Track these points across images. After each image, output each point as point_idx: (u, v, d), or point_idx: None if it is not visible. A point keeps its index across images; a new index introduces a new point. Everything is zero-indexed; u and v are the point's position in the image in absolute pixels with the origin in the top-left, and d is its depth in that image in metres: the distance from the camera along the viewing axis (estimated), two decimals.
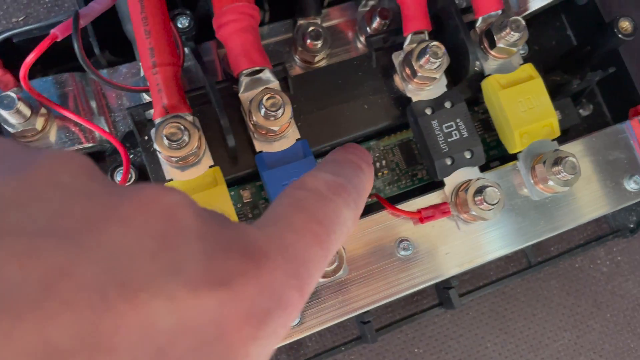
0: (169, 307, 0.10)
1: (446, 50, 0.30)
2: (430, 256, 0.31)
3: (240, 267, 0.11)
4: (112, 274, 0.09)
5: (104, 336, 0.09)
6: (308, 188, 0.14)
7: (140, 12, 0.28)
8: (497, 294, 0.38)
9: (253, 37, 0.29)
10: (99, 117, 0.32)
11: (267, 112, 0.28)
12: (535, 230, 0.32)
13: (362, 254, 0.30)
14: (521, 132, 0.31)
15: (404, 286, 0.30)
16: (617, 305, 0.39)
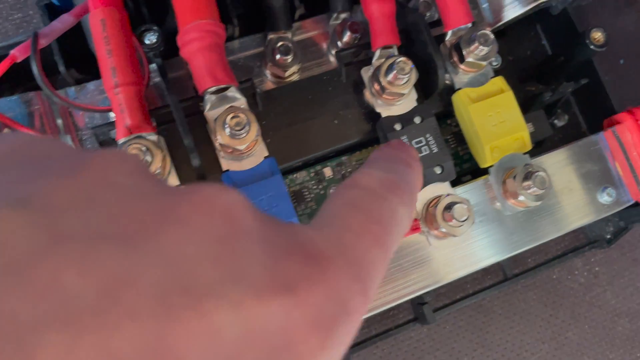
0: (235, 314, 0.09)
1: (414, 65, 0.30)
2: (401, 273, 0.31)
3: (305, 271, 0.10)
4: (174, 280, 0.09)
5: (171, 347, 0.08)
6: (361, 187, 0.14)
7: (102, 31, 0.27)
8: (474, 307, 0.38)
9: (217, 55, 0.29)
10: (65, 135, 0.32)
11: (231, 131, 0.27)
12: (509, 245, 0.32)
13: None
14: (492, 146, 0.31)
15: (376, 304, 0.30)
16: (595, 317, 0.39)
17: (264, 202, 0.29)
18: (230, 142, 0.28)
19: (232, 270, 0.09)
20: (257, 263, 0.10)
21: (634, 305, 0.40)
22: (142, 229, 0.09)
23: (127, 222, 0.09)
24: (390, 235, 0.13)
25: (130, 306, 0.08)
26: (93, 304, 0.08)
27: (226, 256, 0.10)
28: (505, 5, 0.37)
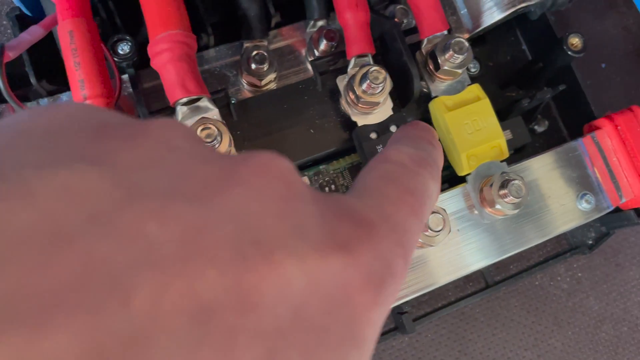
0: (302, 268, 0.10)
1: (389, 74, 0.30)
2: None
3: (355, 233, 0.11)
4: (245, 233, 0.09)
5: (249, 292, 0.09)
6: (394, 161, 0.15)
7: (69, 43, 0.27)
8: (456, 314, 0.38)
9: (188, 65, 0.28)
10: None
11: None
12: (489, 252, 0.32)
13: None
14: (468, 154, 0.31)
15: None
16: (578, 322, 0.39)
17: None
18: None
19: (295, 227, 0.10)
20: (315, 222, 0.11)
21: (617, 311, 0.40)
22: (208, 187, 0.10)
23: (193, 181, 0.10)
24: (424, 206, 0.14)
25: (210, 255, 0.09)
26: (177, 251, 0.08)
27: (288, 213, 0.10)
28: (484, 11, 0.36)
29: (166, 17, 0.28)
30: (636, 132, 0.34)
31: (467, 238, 0.32)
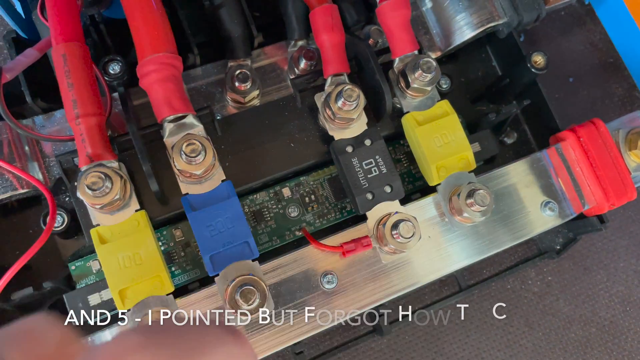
0: None
1: (363, 92, 0.32)
2: (354, 287, 0.32)
3: None
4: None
5: None
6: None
7: (63, 65, 0.29)
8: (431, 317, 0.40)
9: (174, 85, 0.30)
10: (32, 162, 0.33)
11: (187, 157, 0.29)
12: (459, 257, 0.34)
13: (289, 288, 0.31)
14: (438, 165, 0.33)
15: (328, 318, 0.32)
16: (549, 324, 0.41)
17: (221, 224, 0.30)
18: (187, 168, 0.29)
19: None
20: None
21: (586, 313, 0.42)
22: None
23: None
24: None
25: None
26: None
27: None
28: (455, 30, 0.39)
29: (154, 40, 0.30)
30: (597, 143, 0.37)
31: (438, 244, 0.34)
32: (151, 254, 0.29)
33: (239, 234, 0.30)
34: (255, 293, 0.29)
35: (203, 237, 0.30)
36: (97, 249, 0.29)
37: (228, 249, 0.30)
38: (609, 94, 0.47)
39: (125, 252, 0.29)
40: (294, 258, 0.32)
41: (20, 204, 0.35)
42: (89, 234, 0.30)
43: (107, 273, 0.29)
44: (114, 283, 0.29)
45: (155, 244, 0.29)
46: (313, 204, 0.36)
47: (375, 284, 0.32)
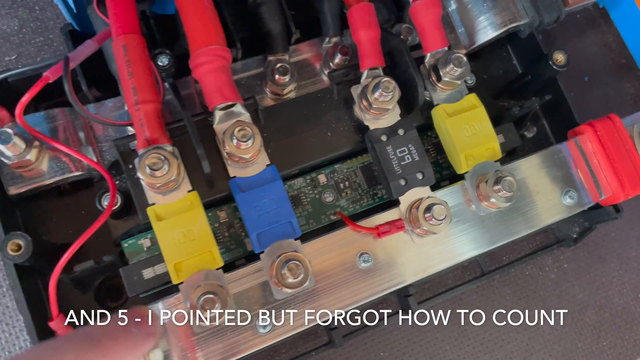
0: None
1: (397, 84, 0.34)
2: (388, 267, 0.34)
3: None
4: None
5: None
6: None
7: (124, 56, 0.31)
8: (454, 300, 0.42)
9: (225, 75, 0.33)
10: (87, 147, 0.36)
11: (238, 142, 0.31)
12: (483, 242, 0.36)
13: (327, 266, 0.34)
14: (466, 154, 0.35)
15: (366, 294, 0.34)
16: (564, 309, 0.43)
17: (267, 204, 0.33)
18: (237, 152, 0.32)
19: None
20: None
21: (600, 299, 0.44)
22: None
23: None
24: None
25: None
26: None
27: None
28: (479, 30, 0.41)
29: (206, 33, 0.32)
30: (614, 137, 0.39)
31: (463, 229, 0.36)
32: (203, 231, 0.31)
33: (283, 214, 0.32)
34: (301, 268, 0.31)
35: (250, 216, 0.32)
36: (154, 225, 0.31)
37: (273, 228, 0.32)
38: (621, 92, 0.49)
39: (179, 228, 0.31)
40: (331, 238, 0.34)
41: (72, 186, 0.37)
42: (144, 213, 0.32)
43: (163, 248, 0.31)
44: (169, 257, 0.31)
45: (207, 222, 0.32)
46: (347, 190, 0.38)
47: (405, 264, 0.35)
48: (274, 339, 0.32)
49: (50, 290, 0.30)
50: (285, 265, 0.31)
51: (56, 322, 0.31)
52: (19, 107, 0.31)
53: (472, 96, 0.37)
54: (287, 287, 0.31)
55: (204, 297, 0.29)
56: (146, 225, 0.34)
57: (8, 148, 0.32)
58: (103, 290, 0.37)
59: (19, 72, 0.34)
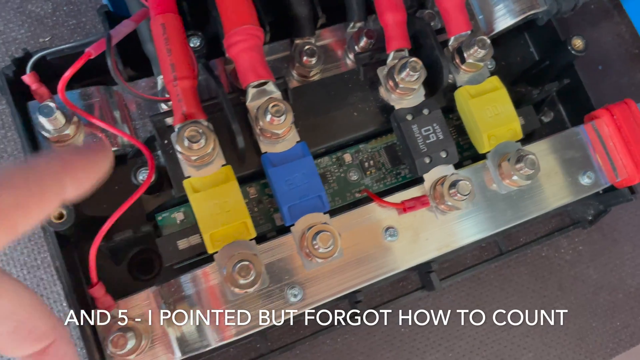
0: None
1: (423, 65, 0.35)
2: (412, 241, 0.36)
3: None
4: None
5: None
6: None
7: (162, 34, 0.33)
8: (472, 279, 0.43)
9: (258, 54, 0.34)
10: (122, 125, 0.37)
11: (272, 117, 0.32)
12: (503, 219, 0.37)
13: (354, 240, 0.35)
14: (489, 134, 0.37)
15: (391, 267, 0.35)
16: (579, 290, 0.44)
17: (298, 179, 0.34)
18: (270, 127, 0.33)
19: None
20: None
21: (614, 280, 0.45)
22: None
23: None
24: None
25: None
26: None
27: None
28: (498, 17, 0.42)
29: (241, 13, 0.34)
30: (630, 121, 0.40)
31: (485, 207, 0.37)
32: (237, 203, 0.33)
33: (313, 189, 0.34)
34: (331, 238, 0.32)
35: (282, 190, 0.33)
36: (190, 197, 0.32)
37: (303, 202, 0.34)
38: (634, 81, 0.50)
39: (214, 200, 0.32)
40: (357, 213, 0.35)
41: None
42: (179, 186, 0.33)
43: (199, 218, 0.32)
44: (205, 227, 0.32)
45: (241, 194, 0.33)
46: (371, 169, 0.39)
47: (429, 239, 0.36)
48: (304, 308, 0.34)
49: (91, 257, 0.31)
50: (316, 236, 0.32)
51: (96, 288, 0.32)
52: (62, 82, 0.32)
53: (494, 78, 0.38)
54: (318, 258, 0.32)
55: (240, 264, 0.31)
56: (179, 199, 0.36)
57: (49, 121, 0.33)
58: (135, 263, 0.38)
59: (57, 50, 0.35)
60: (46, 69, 0.36)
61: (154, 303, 0.33)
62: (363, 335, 0.41)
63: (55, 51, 0.35)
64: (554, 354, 0.43)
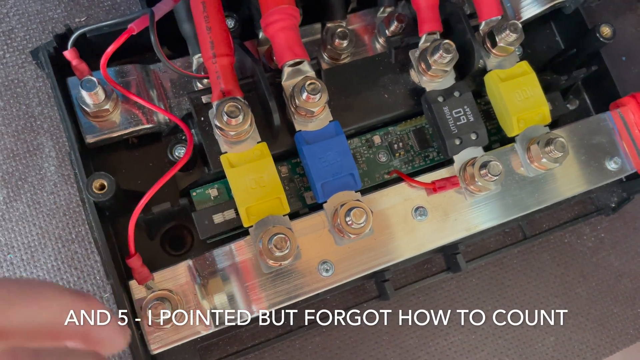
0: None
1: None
2: (441, 222, 0.36)
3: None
4: None
5: None
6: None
7: (202, 12, 0.33)
8: (496, 263, 0.44)
9: (295, 33, 0.34)
10: (158, 103, 0.38)
11: (308, 95, 0.33)
12: (531, 202, 0.38)
13: (384, 219, 0.35)
14: (518, 117, 0.37)
15: (420, 246, 0.36)
16: (601, 276, 0.45)
17: (331, 157, 0.34)
18: (306, 105, 0.34)
19: None
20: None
21: (635, 268, 0.45)
22: None
23: None
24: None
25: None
26: None
27: None
28: (525, 5, 0.43)
29: None
30: None
31: (513, 189, 0.38)
32: (272, 178, 0.33)
33: (345, 167, 0.34)
34: (364, 214, 0.33)
35: (316, 167, 0.34)
36: (227, 172, 0.33)
37: (336, 179, 0.34)
38: None
39: (250, 175, 0.33)
40: (387, 193, 0.36)
41: (140, 140, 0.39)
42: (215, 162, 0.34)
43: (236, 193, 0.33)
44: (241, 201, 0.33)
45: (276, 170, 0.33)
46: (400, 151, 0.40)
47: (458, 220, 0.36)
48: (335, 283, 0.34)
49: (130, 227, 0.32)
50: (350, 212, 0.33)
51: (134, 259, 0.33)
52: (104, 57, 0.33)
53: (524, 63, 0.38)
54: (351, 233, 0.33)
55: (277, 236, 0.31)
56: (214, 175, 0.36)
57: (90, 96, 0.34)
58: (167, 239, 0.39)
59: (97, 27, 0.36)
60: (86, 46, 0.37)
61: (188, 275, 0.34)
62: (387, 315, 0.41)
63: (95, 28, 0.36)
64: (575, 338, 0.43)
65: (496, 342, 0.42)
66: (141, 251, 0.34)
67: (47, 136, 0.40)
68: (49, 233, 0.39)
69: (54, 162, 0.40)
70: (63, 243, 0.39)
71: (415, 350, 0.41)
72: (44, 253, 0.39)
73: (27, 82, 0.41)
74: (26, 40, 0.42)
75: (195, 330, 0.33)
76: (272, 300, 0.34)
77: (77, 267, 0.39)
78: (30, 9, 0.42)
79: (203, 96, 0.35)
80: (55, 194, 0.39)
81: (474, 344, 0.42)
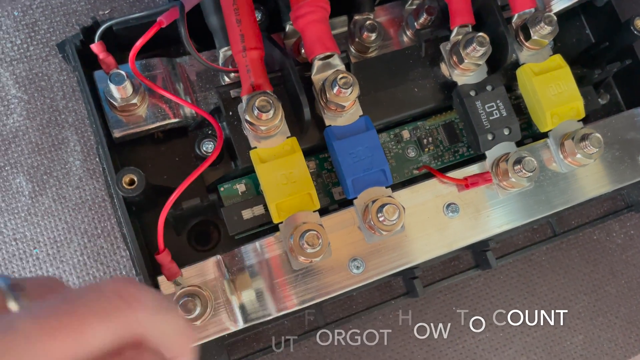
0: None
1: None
2: (473, 218, 0.36)
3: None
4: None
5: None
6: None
7: (232, 4, 0.33)
8: (524, 260, 0.43)
9: (325, 26, 0.34)
10: (185, 97, 0.37)
11: (339, 89, 0.32)
12: (562, 199, 0.37)
13: (415, 215, 0.35)
14: (552, 112, 0.36)
15: (451, 241, 0.35)
16: (631, 274, 0.44)
17: (361, 152, 0.34)
18: (337, 99, 0.33)
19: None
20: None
21: None
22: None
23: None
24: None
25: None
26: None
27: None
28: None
29: None
30: None
31: (546, 186, 0.37)
32: (302, 174, 0.33)
33: (376, 162, 0.34)
34: (397, 211, 0.32)
35: (346, 162, 0.34)
36: (257, 167, 0.33)
37: (366, 175, 0.34)
38: None
39: (280, 170, 0.33)
40: (418, 189, 0.35)
41: (166, 135, 0.39)
42: (244, 157, 0.33)
43: (265, 188, 0.32)
44: (271, 197, 0.32)
45: (306, 166, 0.33)
46: (429, 146, 0.39)
47: (490, 217, 0.36)
48: (365, 280, 0.34)
49: (160, 223, 0.32)
50: (382, 208, 0.32)
51: (163, 255, 0.32)
52: (133, 51, 0.33)
53: (558, 56, 0.37)
54: (382, 230, 0.32)
55: (309, 233, 0.31)
56: (242, 171, 0.36)
57: (119, 90, 0.33)
58: (194, 235, 0.38)
59: (123, 20, 0.35)
60: (110, 39, 0.37)
61: (217, 271, 0.33)
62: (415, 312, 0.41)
63: (121, 21, 0.36)
64: (604, 336, 0.43)
65: (524, 339, 0.42)
66: (168, 247, 0.34)
67: (72, 130, 0.40)
68: (74, 228, 0.39)
69: (79, 156, 0.40)
70: (89, 238, 0.39)
71: (442, 348, 0.41)
72: (70, 248, 0.38)
73: (51, 75, 0.41)
74: (50, 33, 0.41)
75: (224, 326, 0.33)
76: (302, 297, 0.33)
77: (103, 262, 0.39)
78: (54, 2, 0.42)
79: (231, 90, 0.35)
80: (80, 188, 0.39)
81: (501, 341, 0.41)
